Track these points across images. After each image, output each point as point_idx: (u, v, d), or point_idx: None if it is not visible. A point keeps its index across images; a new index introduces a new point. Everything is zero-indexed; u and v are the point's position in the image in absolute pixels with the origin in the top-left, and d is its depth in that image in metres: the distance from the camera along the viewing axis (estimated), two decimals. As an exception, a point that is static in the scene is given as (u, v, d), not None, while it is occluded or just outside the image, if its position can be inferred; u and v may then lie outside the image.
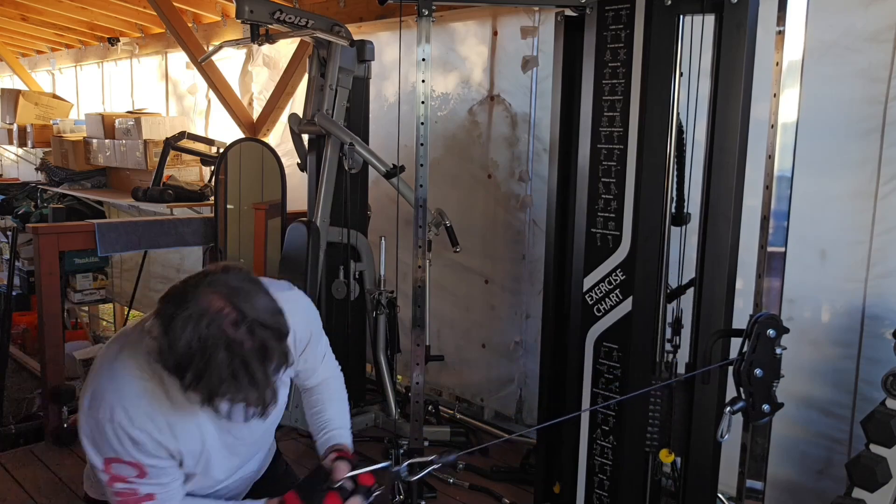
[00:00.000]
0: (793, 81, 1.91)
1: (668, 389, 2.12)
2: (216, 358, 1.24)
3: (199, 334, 1.25)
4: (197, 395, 1.27)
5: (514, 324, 3.64)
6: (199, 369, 1.24)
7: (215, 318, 1.26)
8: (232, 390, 1.27)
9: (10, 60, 7.56)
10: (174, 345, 1.25)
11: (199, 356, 1.24)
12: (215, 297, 1.28)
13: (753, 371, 1.60)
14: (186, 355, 1.25)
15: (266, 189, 4.11)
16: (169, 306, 1.28)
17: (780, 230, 1.98)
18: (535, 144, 3.48)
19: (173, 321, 1.25)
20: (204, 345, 1.24)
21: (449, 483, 3.05)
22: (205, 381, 1.25)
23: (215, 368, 1.25)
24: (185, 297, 1.28)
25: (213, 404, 1.28)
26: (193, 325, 1.25)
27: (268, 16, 3.01)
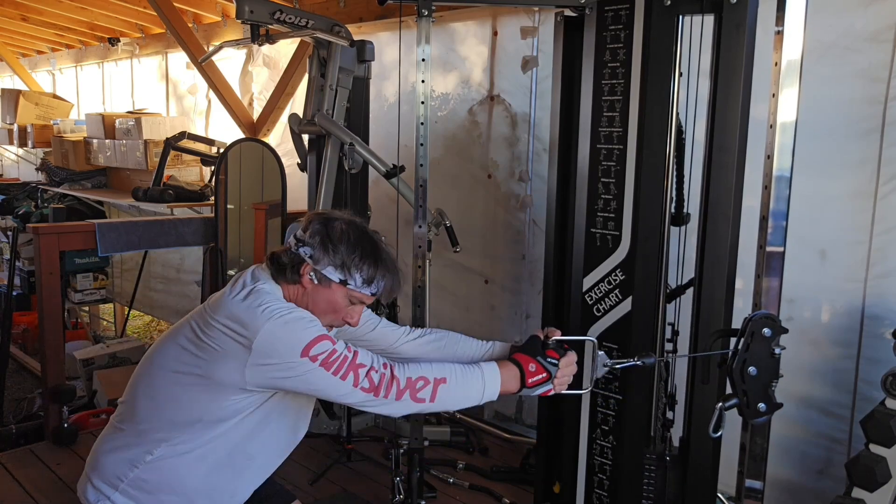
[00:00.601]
0: (792, 81, 1.91)
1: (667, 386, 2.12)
2: (372, 249, 1.65)
3: (357, 236, 1.66)
4: (361, 280, 1.63)
5: (514, 324, 3.64)
6: (363, 259, 1.63)
7: (358, 224, 1.70)
8: (385, 271, 1.67)
9: (11, 60, 7.57)
10: (340, 247, 1.62)
11: (361, 250, 1.63)
12: (345, 213, 1.72)
13: (747, 369, 1.60)
14: (351, 252, 1.62)
15: (266, 189, 4.12)
16: (318, 227, 1.65)
17: (778, 230, 1.98)
18: (535, 144, 3.48)
19: (332, 233, 1.63)
20: (361, 242, 1.65)
21: (449, 483, 3.06)
22: (369, 269, 1.63)
23: (374, 257, 1.64)
24: (328, 219, 1.67)
25: (375, 287, 1.66)
26: (350, 230, 1.65)
27: (268, 16, 3.02)
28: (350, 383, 1.52)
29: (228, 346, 1.53)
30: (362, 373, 1.53)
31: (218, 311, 1.58)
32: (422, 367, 1.61)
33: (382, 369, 1.56)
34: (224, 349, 1.54)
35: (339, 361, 1.52)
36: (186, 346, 1.59)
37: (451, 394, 1.61)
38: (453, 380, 1.61)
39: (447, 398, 1.61)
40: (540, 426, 2.68)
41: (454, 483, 3.06)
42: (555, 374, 1.67)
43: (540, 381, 1.66)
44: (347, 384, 1.52)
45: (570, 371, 1.70)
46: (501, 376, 1.65)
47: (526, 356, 1.68)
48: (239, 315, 1.54)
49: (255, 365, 1.52)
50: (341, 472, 3.15)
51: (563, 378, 1.69)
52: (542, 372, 1.66)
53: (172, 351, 1.63)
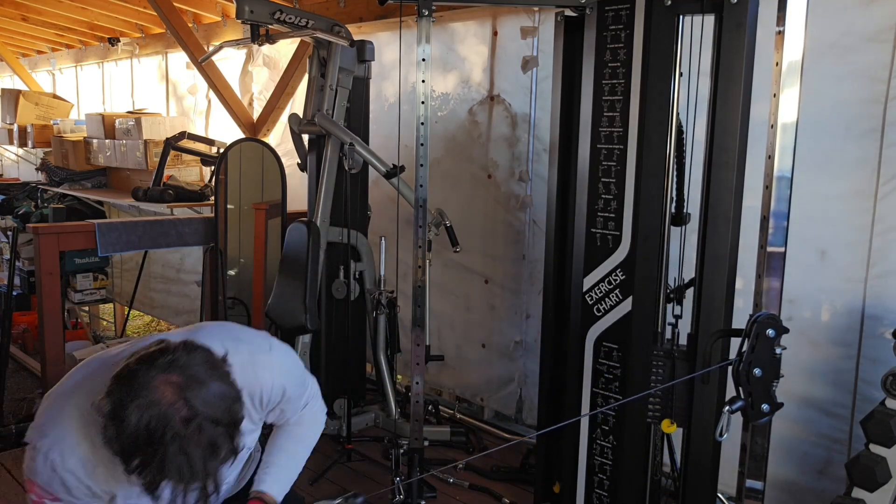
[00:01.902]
0: (792, 81, 1.91)
1: (669, 360, 2.11)
2: (161, 451, 1.23)
3: (147, 425, 1.22)
4: (139, 480, 1.26)
5: (514, 324, 3.64)
6: (144, 459, 1.23)
7: (166, 412, 1.23)
8: (174, 481, 1.25)
9: (11, 60, 7.56)
10: (121, 431, 1.23)
11: (145, 447, 1.23)
12: (168, 389, 1.25)
13: (752, 371, 1.60)
14: (133, 443, 1.23)
15: (266, 189, 4.12)
16: (121, 390, 1.25)
17: (779, 230, 1.98)
18: (535, 144, 3.48)
19: (123, 408, 1.23)
20: (151, 437, 1.22)
21: (449, 483, 3.06)
22: (148, 471, 1.24)
23: (160, 461, 1.23)
24: (139, 383, 1.25)
25: (153, 492, 1.27)
26: (141, 414, 1.22)
27: (268, 16, 3.02)
28: None
29: None
30: None
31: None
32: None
33: None
34: None
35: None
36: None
37: None
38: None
39: None
40: (540, 426, 2.68)
41: (454, 483, 3.06)
42: None
43: None
44: None
45: None
46: None
47: None
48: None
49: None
50: (341, 472, 3.15)
51: None
52: None
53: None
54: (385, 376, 3.45)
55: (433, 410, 3.67)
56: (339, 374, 3.47)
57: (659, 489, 2.34)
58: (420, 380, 2.50)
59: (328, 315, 3.46)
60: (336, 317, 3.47)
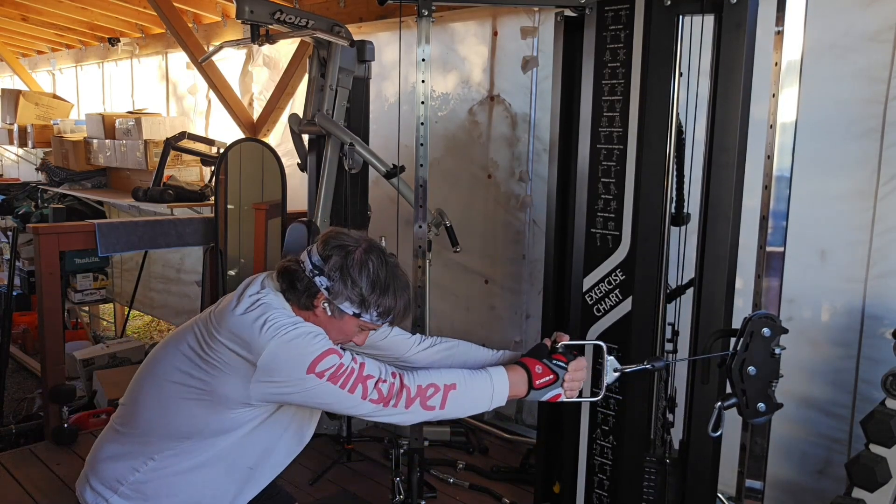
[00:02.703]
0: (792, 81, 1.91)
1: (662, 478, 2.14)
2: (389, 278, 1.60)
3: (374, 265, 1.59)
4: (377, 314, 1.59)
5: (514, 324, 3.64)
6: (381, 290, 1.58)
7: (376, 251, 1.62)
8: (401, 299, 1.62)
9: (11, 60, 7.57)
10: (358, 279, 1.57)
11: (379, 281, 1.58)
12: (361, 238, 1.64)
13: (746, 369, 1.60)
14: (371, 284, 1.57)
15: (266, 189, 4.12)
16: (336, 255, 1.58)
17: (779, 230, 1.98)
18: (535, 144, 3.48)
19: (350, 264, 1.57)
20: (378, 271, 1.59)
21: (449, 483, 3.06)
22: (386, 301, 1.59)
23: (392, 286, 1.60)
24: (346, 247, 1.60)
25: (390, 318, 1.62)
26: (370, 260, 1.59)
27: (268, 16, 3.01)
28: (359, 395, 1.51)
29: (232, 363, 1.51)
30: (370, 384, 1.52)
31: (222, 326, 1.55)
32: (431, 374, 1.60)
33: (391, 378, 1.55)
34: (228, 365, 1.52)
35: (346, 374, 1.50)
36: (190, 357, 1.57)
37: (462, 399, 1.60)
38: (463, 385, 1.60)
39: (458, 404, 1.60)
40: (540, 426, 2.68)
41: (454, 483, 3.06)
42: (563, 377, 1.66)
43: (547, 384, 1.65)
44: (356, 397, 1.51)
45: (579, 375, 1.69)
46: (509, 379, 1.64)
47: (532, 359, 1.68)
48: (243, 331, 1.52)
49: (259, 382, 1.50)
50: (341, 472, 3.15)
51: (573, 382, 1.67)
52: (548, 374, 1.65)
53: (175, 360, 1.60)
54: (385, 376, 3.44)
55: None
56: (339, 374, 3.46)
57: (659, 489, 2.34)
58: (420, 380, 2.50)
59: (328, 315, 3.46)
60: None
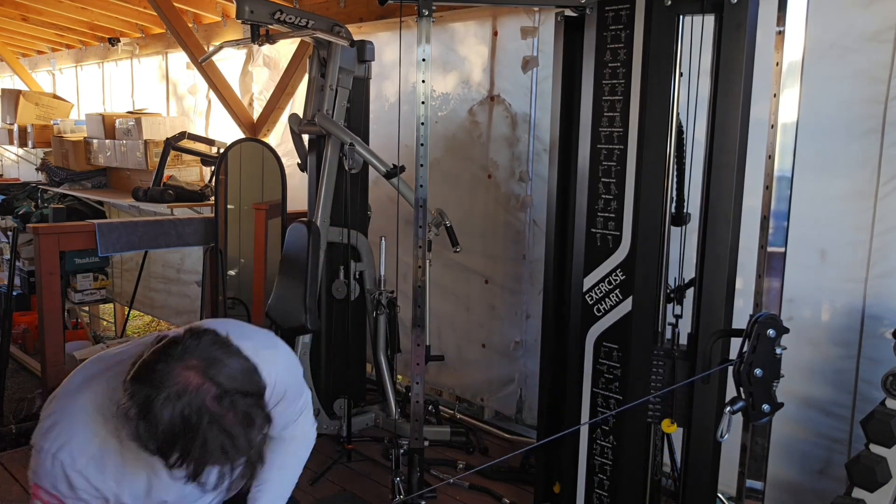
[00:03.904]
0: (793, 81, 1.91)
1: (669, 359, 2.11)
2: (201, 435, 1.22)
3: (181, 414, 1.21)
4: (183, 471, 1.25)
5: (514, 324, 3.64)
6: (185, 448, 1.22)
7: (196, 395, 1.23)
8: (221, 462, 1.25)
9: (11, 60, 7.56)
10: (155, 428, 1.21)
11: (183, 435, 1.21)
12: (191, 374, 1.24)
13: (753, 371, 1.60)
14: (170, 436, 1.22)
15: (266, 189, 4.12)
16: (143, 388, 1.23)
17: (779, 230, 1.98)
18: (535, 144, 3.48)
19: (151, 404, 1.21)
20: (187, 424, 1.21)
21: (449, 483, 3.05)
22: (191, 458, 1.23)
23: (201, 445, 1.22)
24: (160, 377, 1.23)
25: (199, 479, 1.26)
26: (173, 405, 1.21)
27: (268, 16, 3.01)
28: None
29: None
30: None
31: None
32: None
33: None
34: None
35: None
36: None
37: None
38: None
39: None
40: (540, 426, 2.68)
41: (454, 483, 3.05)
42: None
43: None
44: None
45: None
46: None
47: None
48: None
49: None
50: (341, 472, 3.15)
51: None
52: None
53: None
54: (385, 376, 3.44)
55: (433, 410, 3.67)
56: (339, 374, 3.47)
57: (659, 489, 2.34)
58: (420, 380, 2.50)
59: (328, 315, 3.46)
60: (336, 317, 3.47)
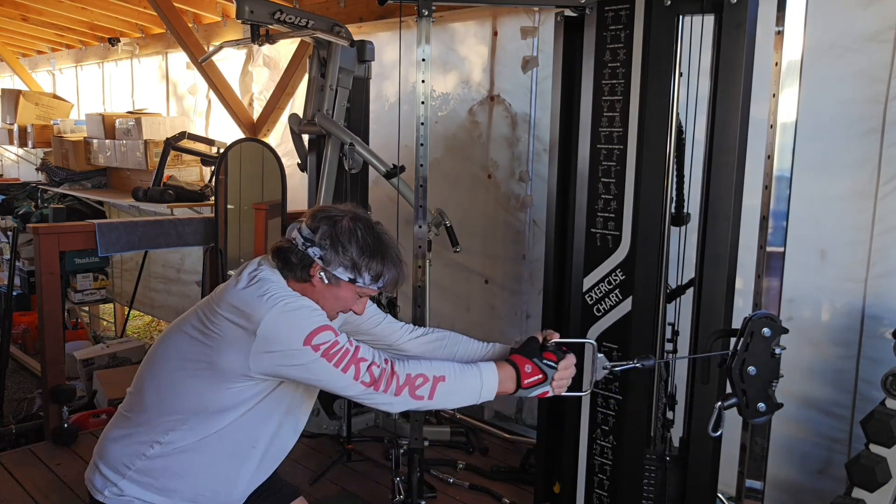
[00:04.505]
0: (792, 81, 1.91)
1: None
2: (379, 245, 1.64)
3: (363, 232, 1.63)
4: (370, 278, 1.63)
5: (514, 324, 3.64)
6: (371, 256, 1.62)
7: (363, 219, 1.66)
8: (393, 265, 1.65)
9: (11, 60, 7.56)
10: (349, 246, 1.61)
11: (369, 247, 1.62)
12: (348, 208, 1.68)
13: (746, 369, 1.60)
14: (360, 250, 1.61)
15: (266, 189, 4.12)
16: (324, 226, 1.62)
17: (779, 230, 1.98)
18: (535, 144, 3.48)
19: (340, 233, 1.61)
20: (367, 237, 1.63)
21: (449, 483, 3.05)
22: (377, 265, 1.63)
23: (382, 252, 1.64)
24: (333, 218, 1.64)
25: (382, 282, 1.65)
26: (357, 228, 1.63)
27: (268, 16, 3.01)
28: (351, 376, 1.54)
29: (233, 334, 1.55)
30: (363, 367, 1.55)
31: (223, 301, 1.60)
32: (422, 364, 1.63)
33: (384, 364, 1.58)
34: (228, 337, 1.55)
35: (340, 353, 1.54)
36: (193, 335, 1.62)
37: (449, 392, 1.63)
38: (452, 378, 1.63)
39: (445, 396, 1.63)
40: (540, 426, 2.68)
41: (454, 483, 3.06)
42: (551, 376, 1.68)
43: (536, 383, 1.67)
44: (348, 377, 1.54)
45: (567, 374, 1.71)
46: (498, 376, 1.66)
47: (522, 357, 1.69)
48: (243, 303, 1.56)
49: (258, 353, 1.53)
50: (341, 472, 3.15)
51: (561, 381, 1.70)
52: (538, 373, 1.67)
53: (178, 341, 1.65)
54: (385, 376, 3.44)
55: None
56: (339, 374, 3.46)
57: (659, 489, 2.34)
58: (420, 380, 2.50)
59: (328, 315, 3.46)
60: (336, 317, 3.47)
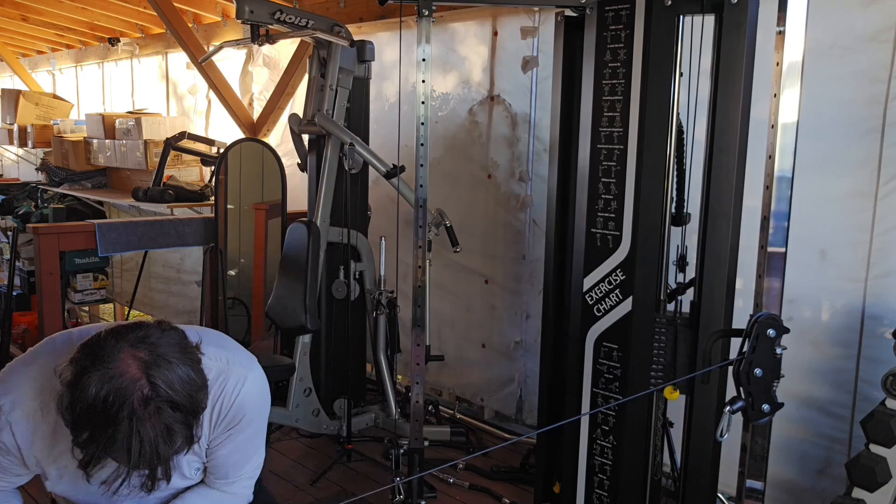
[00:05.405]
0: (793, 81, 1.91)
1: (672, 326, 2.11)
2: (113, 428, 1.19)
3: (104, 398, 1.18)
4: (82, 453, 1.22)
5: (514, 324, 3.64)
6: (94, 433, 1.20)
7: (127, 387, 1.19)
8: (122, 461, 1.22)
9: (11, 60, 7.56)
10: (78, 399, 1.19)
11: (100, 419, 1.19)
12: (133, 364, 1.21)
13: (753, 371, 1.60)
14: (88, 414, 1.19)
15: (266, 189, 4.12)
16: (86, 357, 1.22)
17: (780, 230, 1.98)
18: (535, 144, 3.48)
19: (84, 375, 1.20)
20: (106, 411, 1.18)
21: (449, 483, 3.06)
22: (96, 445, 1.20)
23: (109, 437, 1.19)
24: (105, 353, 1.21)
25: (90, 468, 1.24)
26: (101, 386, 1.18)
27: (268, 16, 3.01)
28: None
29: None
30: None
31: None
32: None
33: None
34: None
35: None
36: None
37: None
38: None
39: None
40: (540, 426, 2.68)
41: (454, 483, 3.06)
42: None
43: None
44: None
45: None
46: None
47: None
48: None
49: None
50: (341, 472, 3.15)
51: None
52: None
53: None
54: (385, 376, 3.44)
55: (433, 410, 3.67)
56: (339, 374, 3.47)
57: (659, 489, 2.34)
58: (420, 380, 2.50)
59: (328, 315, 3.46)
60: (336, 317, 3.47)
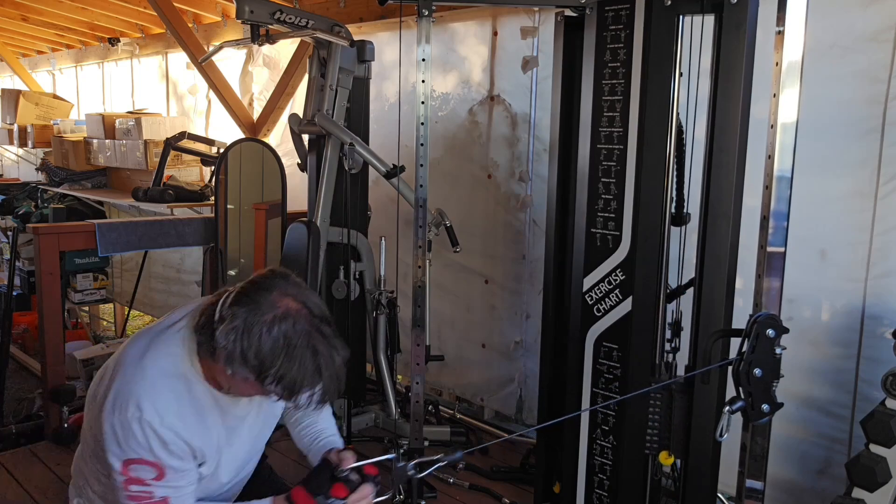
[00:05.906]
0: (792, 81, 1.91)
1: (667, 392, 2.11)
2: (301, 354, 1.35)
3: (284, 335, 1.35)
4: (280, 389, 1.36)
5: (514, 324, 3.64)
6: (285, 367, 1.34)
7: (297, 318, 1.37)
8: (315, 382, 1.37)
9: (11, 60, 7.56)
10: (259, 347, 1.33)
11: (285, 354, 1.34)
12: (290, 301, 1.39)
13: (753, 371, 1.60)
14: (272, 356, 1.34)
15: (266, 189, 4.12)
16: (249, 311, 1.36)
17: (779, 230, 1.98)
18: (535, 144, 3.48)
19: (254, 326, 1.34)
20: (289, 344, 1.35)
21: (449, 483, 3.05)
22: (290, 377, 1.35)
23: (301, 364, 1.35)
24: (264, 301, 1.37)
25: (295, 397, 1.38)
26: (277, 326, 1.35)
27: (268, 16, 3.01)
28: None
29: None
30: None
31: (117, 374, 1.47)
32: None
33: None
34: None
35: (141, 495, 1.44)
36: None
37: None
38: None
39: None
40: (540, 426, 2.68)
41: (454, 483, 3.06)
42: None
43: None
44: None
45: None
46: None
47: (305, 494, 1.56)
48: (107, 402, 1.45)
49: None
50: (341, 472, 3.15)
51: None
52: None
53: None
54: (385, 376, 3.45)
55: (433, 410, 3.67)
56: (339, 374, 3.46)
57: (659, 489, 2.34)
58: (420, 380, 2.50)
59: (328, 315, 3.46)
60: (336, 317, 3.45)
